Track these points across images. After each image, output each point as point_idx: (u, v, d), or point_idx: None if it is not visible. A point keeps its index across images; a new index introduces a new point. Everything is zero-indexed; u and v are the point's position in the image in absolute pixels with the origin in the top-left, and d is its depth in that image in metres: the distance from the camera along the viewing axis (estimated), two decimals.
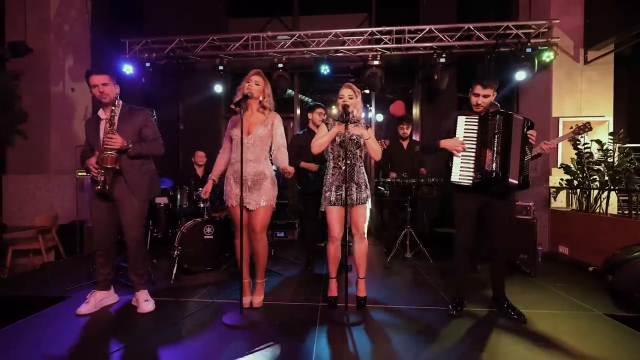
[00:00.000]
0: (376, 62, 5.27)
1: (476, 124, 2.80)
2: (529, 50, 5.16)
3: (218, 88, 5.66)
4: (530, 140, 2.78)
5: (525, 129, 2.77)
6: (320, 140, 2.94)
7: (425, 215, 5.68)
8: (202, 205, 3.91)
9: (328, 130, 3.00)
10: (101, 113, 2.90)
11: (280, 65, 5.35)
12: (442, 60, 5.28)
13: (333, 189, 2.96)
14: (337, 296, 3.07)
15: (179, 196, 4.12)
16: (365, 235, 3.03)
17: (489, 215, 2.89)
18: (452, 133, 2.88)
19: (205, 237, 3.80)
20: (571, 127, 3.14)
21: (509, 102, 5.92)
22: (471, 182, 2.76)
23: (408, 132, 4.89)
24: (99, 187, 2.74)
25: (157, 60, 5.49)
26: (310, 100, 7.75)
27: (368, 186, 3.05)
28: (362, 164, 3.05)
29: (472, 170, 2.76)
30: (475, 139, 2.79)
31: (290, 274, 4.00)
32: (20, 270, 4.46)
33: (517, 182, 2.71)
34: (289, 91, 6.26)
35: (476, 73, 6.85)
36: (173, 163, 5.82)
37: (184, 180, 4.44)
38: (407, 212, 4.48)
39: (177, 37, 5.43)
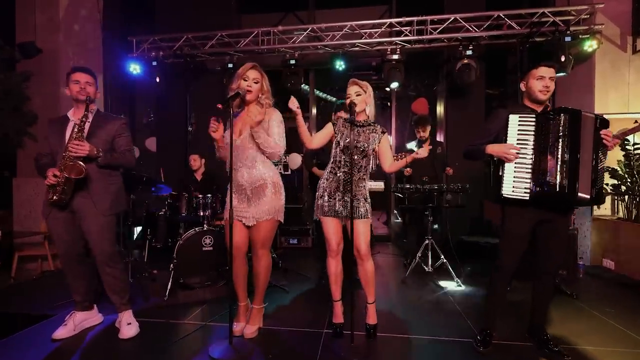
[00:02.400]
0: (396, 57, 4.74)
1: (533, 124, 2.25)
2: (568, 39, 4.50)
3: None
4: (605, 142, 2.21)
5: (597, 129, 2.20)
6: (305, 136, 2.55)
7: (449, 222, 5.11)
8: (201, 213, 3.54)
9: (334, 132, 2.59)
10: (71, 114, 2.57)
11: (293, 61, 4.92)
12: (469, 52, 4.69)
13: (325, 197, 2.54)
14: (344, 322, 2.62)
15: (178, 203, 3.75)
16: (370, 253, 2.56)
17: (544, 232, 2.33)
18: (502, 136, 2.33)
19: (204, 248, 3.43)
20: (636, 121, 2.54)
21: None
22: (528, 196, 2.22)
23: (426, 134, 4.35)
24: (55, 198, 2.37)
25: (164, 59, 5.18)
26: (334, 100, 7.30)
27: (368, 200, 2.57)
28: (366, 175, 2.58)
29: (530, 181, 2.22)
30: (532, 143, 2.24)
31: (298, 291, 3.56)
32: (26, 277, 4.28)
33: (588, 196, 2.15)
34: (304, 87, 5.83)
35: (506, 66, 6.23)
36: (181, 168, 5.51)
37: (184, 186, 4.07)
38: (428, 221, 3.95)
39: (184, 35, 5.10)
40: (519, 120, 2.29)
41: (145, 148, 6.14)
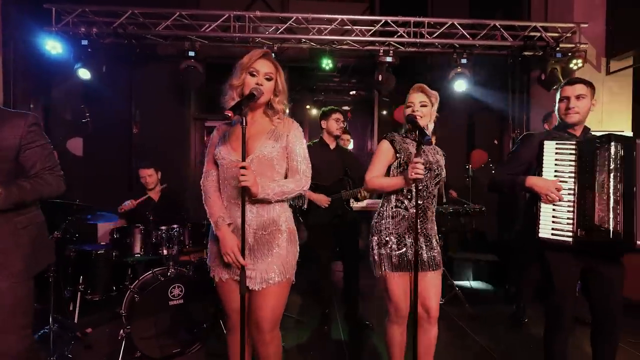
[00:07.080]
0: (389, 59, 4.04)
1: (573, 153, 1.76)
2: (559, 55, 4.24)
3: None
4: None
5: None
6: (387, 182, 1.87)
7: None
8: (165, 252, 2.44)
9: (395, 152, 1.88)
10: None
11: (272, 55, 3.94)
12: (463, 61, 4.18)
13: (394, 241, 1.80)
14: None
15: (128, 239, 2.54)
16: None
17: (594, 284, 1.84)
18: (535, 166, 1.87)
19: (171, 302, 2.34)
20: None
21: (520, 113, 5.00)
22: (571, 240, 1.72)
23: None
24: None
25: (99, 38, 3.81)
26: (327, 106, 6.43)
27: (439, 241, 1.93)
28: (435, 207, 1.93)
29: (572, 222, 1.72)
30: (574, 176, 1.76)
31: (295, 345, 2.66)
32: None
33: None
34: None
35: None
36: (124, 183, 4.16)
37: (140, 213, 2.83)
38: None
39: (129, 9, 3.78)
40: (557, 148, 1.81)
41: (66, 151, 4.44)
